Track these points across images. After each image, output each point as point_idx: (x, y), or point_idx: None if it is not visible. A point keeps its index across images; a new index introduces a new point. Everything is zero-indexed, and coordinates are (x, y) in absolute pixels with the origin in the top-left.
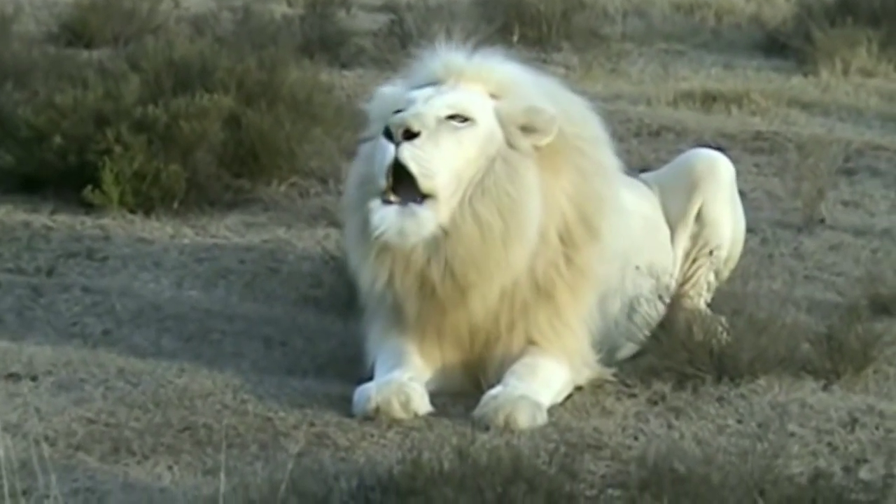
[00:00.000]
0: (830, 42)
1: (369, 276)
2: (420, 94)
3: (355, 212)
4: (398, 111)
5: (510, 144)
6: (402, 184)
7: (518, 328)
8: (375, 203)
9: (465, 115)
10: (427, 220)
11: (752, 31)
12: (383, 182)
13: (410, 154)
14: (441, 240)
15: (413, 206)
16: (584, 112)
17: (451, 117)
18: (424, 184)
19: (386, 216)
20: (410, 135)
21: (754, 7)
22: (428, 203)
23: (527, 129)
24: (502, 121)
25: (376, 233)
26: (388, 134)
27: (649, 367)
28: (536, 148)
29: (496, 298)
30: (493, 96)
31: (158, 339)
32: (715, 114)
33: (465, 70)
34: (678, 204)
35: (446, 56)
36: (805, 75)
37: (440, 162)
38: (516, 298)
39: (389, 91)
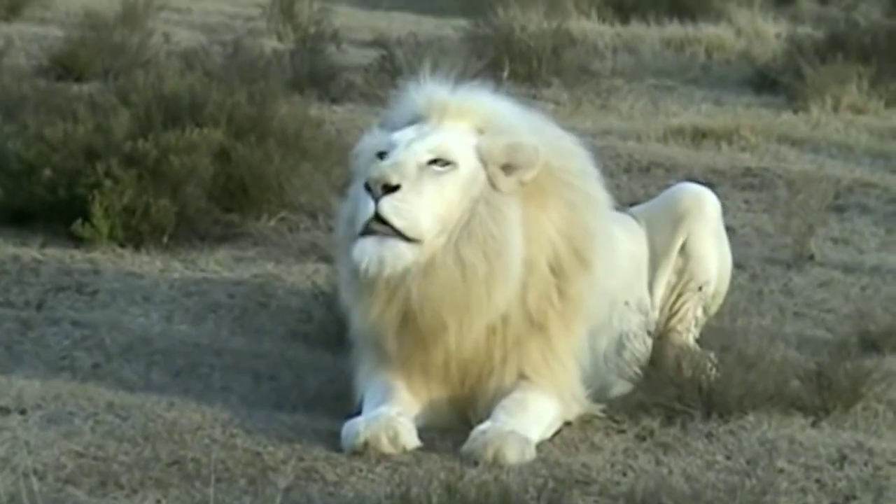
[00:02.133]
0: (820, 79)
1: (360, 315)
2: (401, 136)
3: (344, 251)
4: (381, 153)
5: (493, 185)
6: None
7: (511, 362)
8: (356, 239)
9: (447, 159)
10: (405, 252)
11: (742, 68)
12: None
13: (391, 208)
14: (419, 277)
15: (392, 238)
16: (572, 147)
17: (433, 161)
18: (410, 233)
19: (365, 247)
20: (390, 188)
21: (744, 43)
22: (412, 243)
23: (509, 168)
24: (484, 159)
25: (357, 265)
26: (368, 188)
27: (638, 403)
28: (522, 184)
29: (478, 336)
30: (479, 131)
31: (147, 373)
32: (705, 150)
33: (449, 105)
34: (663, 237)
35: (430, 91)
36: (795, 112)
37: (423, 210)
38: (509, 332)
39: (370, 140)
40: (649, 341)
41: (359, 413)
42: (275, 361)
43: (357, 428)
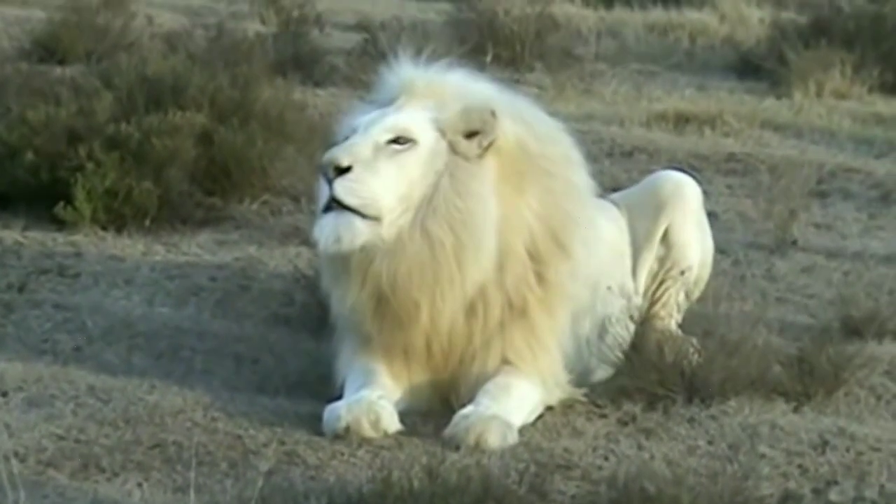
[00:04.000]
0: (804, 64)
1: (338, 299)
2: (363, 120)
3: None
4: (346, 137)
5: (456, 154)
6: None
7: (494, 347)
8: (318, 216)
9: (407, 137)
10: (361, 228)
11: (726, 53)
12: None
13: (343, 189)
14: (388, 257)
15: (349, 215)
16: (555, 133)
17: (394, 140)
18: (368, 213)
19: (324, 224)
20: (342, 170)
21: (728, 28)
22: (370, 219)
23: (469, 134)
24: (443, 131)
25: (318, 244)
26: (323, 172)
27: (620, 388)
28: (484, 148)
29: (455, 315)
30: (443, 106)
31: (129, 357)
32: (688, 135)
33: (416, 83)
34: (644, 225)
35: (402, 71)
36: (778, 97)
37: (380, 189)
38: (489, 315)
39: (347, 121)
40: (632, 326)
41: (340, 397)
42: (256, 345)
43: (339, 412)
